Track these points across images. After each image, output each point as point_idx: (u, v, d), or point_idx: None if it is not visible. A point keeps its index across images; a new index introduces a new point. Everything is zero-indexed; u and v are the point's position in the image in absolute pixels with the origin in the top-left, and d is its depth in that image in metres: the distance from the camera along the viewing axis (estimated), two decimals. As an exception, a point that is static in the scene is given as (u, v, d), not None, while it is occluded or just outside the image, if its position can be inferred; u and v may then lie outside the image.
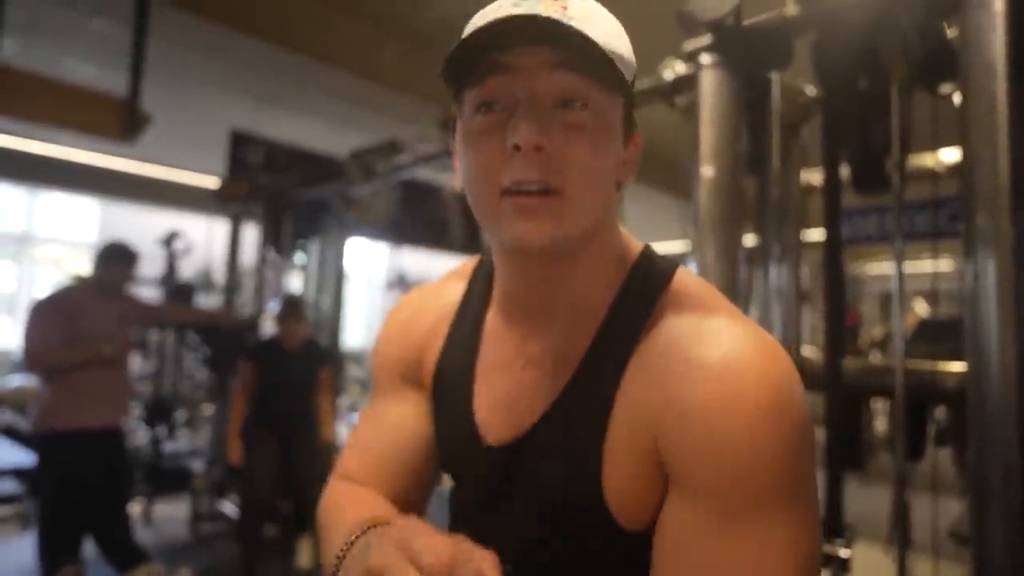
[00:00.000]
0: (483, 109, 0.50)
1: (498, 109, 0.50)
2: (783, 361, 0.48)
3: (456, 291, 0.68)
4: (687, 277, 0.58)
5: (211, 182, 4.77)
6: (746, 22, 1.64)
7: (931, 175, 2.58)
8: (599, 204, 0.52)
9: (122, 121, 2.76)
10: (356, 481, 0.67)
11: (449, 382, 0.64)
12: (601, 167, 0.51)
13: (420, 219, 6.48)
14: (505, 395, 0.59)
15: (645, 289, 0.56)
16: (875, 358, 5.21)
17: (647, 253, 0.60)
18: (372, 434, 0.69)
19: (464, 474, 0.63)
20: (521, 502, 0.57)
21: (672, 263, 0.59)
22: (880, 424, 5.44)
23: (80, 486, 2.56)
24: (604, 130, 0.51)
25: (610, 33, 0.51)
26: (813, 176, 2.85)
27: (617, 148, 0.54)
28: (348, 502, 0.64)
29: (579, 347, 0.56)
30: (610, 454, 0.51)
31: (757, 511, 0.44)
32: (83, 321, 2.54)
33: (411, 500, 0.67)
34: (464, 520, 0.65)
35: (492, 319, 0.63)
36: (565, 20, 0.48)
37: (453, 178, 0.57)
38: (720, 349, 0.48)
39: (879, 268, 8.17)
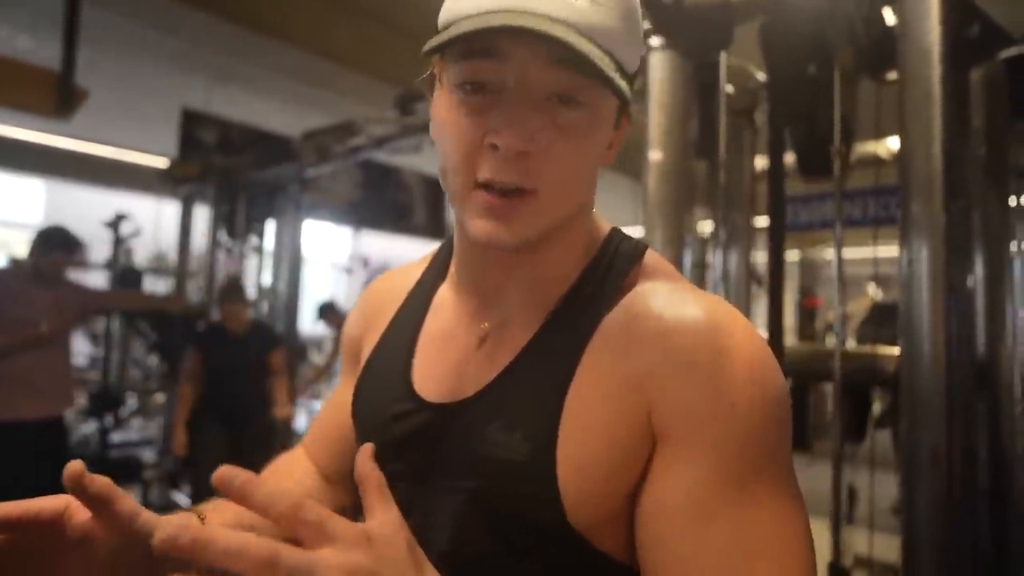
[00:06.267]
0: (467, 87, 0.46)
1: (483, 91, 0.46)
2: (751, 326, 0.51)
3: (422, 270, 0.67)
4: (656, 257, 0.57)
5: (161, 162, 4.59)
6: (688, 2, 1.63)
7: (878, 162, 2.63)
8: (575, 200, 0.51)
9: (55, 96, 2.60)
10: (308, 453, 0.72)
11: (386, 353, 0.62)
12: (585, 165, 0.49)
13: (382, 202, 6.37)
14: (449, 364, 0.56)
15: (615, 263, 0.54)
16: (829, 341, 5.34)
17: (616, 233, 0.58)
18: (324, 410, 0.73)
19: (388, 442, 0.56)
20: (453, 473, 0.52)
21: (642, 244, 0.58)
22: (827, 405, 5.61)
23: (15, 483, 2.46)
24: (596, 127, 0.48)
25: (621, 12, 0.47)
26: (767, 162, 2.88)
27: (605, 138, 0.51)
28: (271, 471, 0.70)
29: (538, 317, 0.53)
30: (569, 420, 0.47)
31: (768, 467, 0.44)
32: (14, 307, 2.42)
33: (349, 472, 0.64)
34: None
35: (444, 291, 0.62)
36: (569, 11, 0.44)
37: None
38: (704, 309, 0.48)
39: (842, 253, 8.37)
